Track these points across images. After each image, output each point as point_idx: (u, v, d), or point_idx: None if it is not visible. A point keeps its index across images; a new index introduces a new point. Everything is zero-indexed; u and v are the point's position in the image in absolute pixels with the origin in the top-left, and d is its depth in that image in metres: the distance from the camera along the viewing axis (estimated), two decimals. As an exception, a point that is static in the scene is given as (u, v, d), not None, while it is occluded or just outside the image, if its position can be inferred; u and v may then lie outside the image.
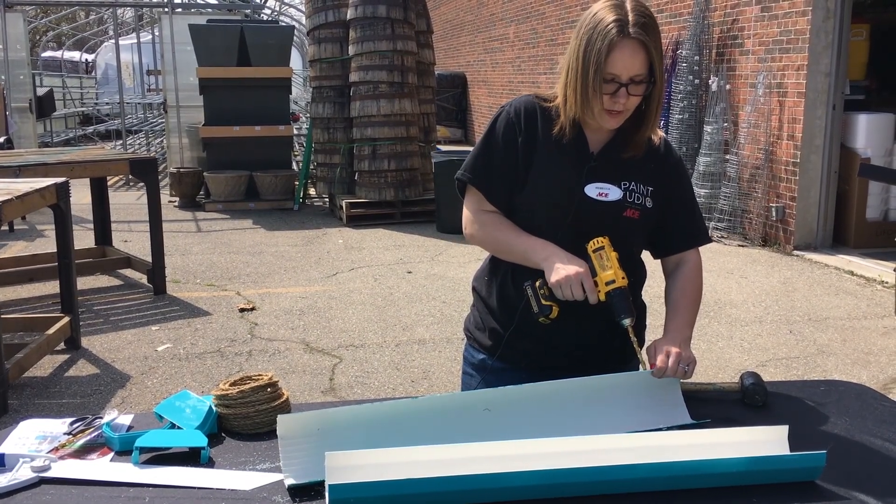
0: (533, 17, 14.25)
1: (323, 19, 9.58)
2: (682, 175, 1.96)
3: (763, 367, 4.57)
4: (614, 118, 1.77)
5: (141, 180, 6.25)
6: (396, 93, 9.02)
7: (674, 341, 1.78)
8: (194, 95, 10.57)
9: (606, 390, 1.74)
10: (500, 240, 1.90)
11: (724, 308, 5.72)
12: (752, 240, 7.89)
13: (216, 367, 4.54)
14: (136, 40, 16.81)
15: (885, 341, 5.05)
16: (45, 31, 26.37)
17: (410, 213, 9.21)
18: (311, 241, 8.12)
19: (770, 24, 7.67)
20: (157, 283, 6.06)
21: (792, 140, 7.44)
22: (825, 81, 7.27)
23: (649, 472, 1.41)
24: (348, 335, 5.13)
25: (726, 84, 8.12)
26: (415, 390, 4.23)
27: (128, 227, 8.60)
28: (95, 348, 4.85)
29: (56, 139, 17.25)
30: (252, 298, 5.94)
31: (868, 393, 1.94)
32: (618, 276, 1.75)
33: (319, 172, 10.12)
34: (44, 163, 5.43)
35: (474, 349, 2.06)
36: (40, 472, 1.48)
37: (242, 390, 1.68)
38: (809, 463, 1.46)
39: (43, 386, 4.28)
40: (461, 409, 1.64)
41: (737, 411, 1.79)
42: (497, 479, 1.37)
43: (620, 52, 1.69)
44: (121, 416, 1.71)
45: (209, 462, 1.54)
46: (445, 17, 20.48)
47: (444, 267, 6.98)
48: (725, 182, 8.02)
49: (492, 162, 1.89)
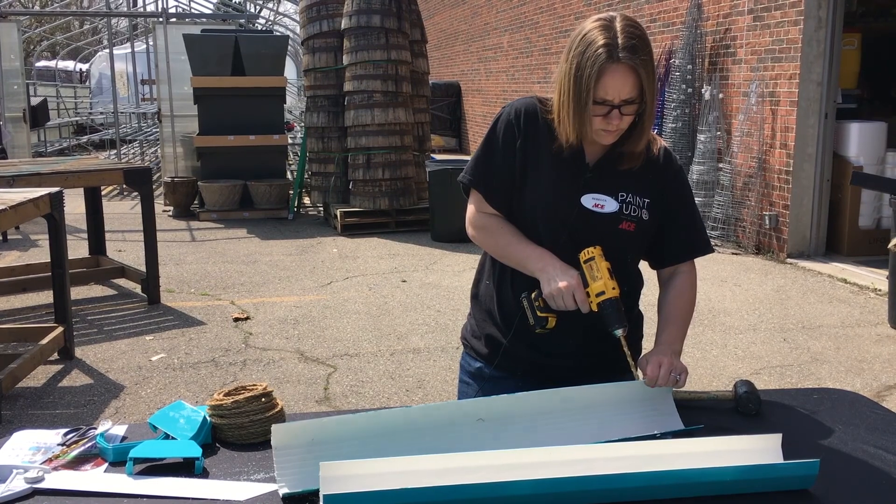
0: (527, 27, 14.30)
1: (317, 29, 9.61)
2: (683, 184, 1.95)
3: (757, 374, 4.58)
4: (609, 135, 1.78)
5: (135, 190, 6.25)
6: (391, 102, 9.04)
7: (665, 353, 1.80)
8: (188, 105, 10.57)
9: (600, 399, 1.75)
10: (500, 244, 1.91)
11: (718, 316, 5.73)
12: (746, 248, 7.91)
13: (210, 377, 4.53)
14: (130, 50, 16.78)
15: (879, 349, 5.06)
16: (39, 41, 26.33)
17: (405, 221, 9.22)
18: (305, 251, 8.11)
19: (762, 34, 7.71)
20: (151, 293, 6.04)
21: (785, 148, 7.48)
22: (817, 90, 7.31)
23: (643, 481, 1.42)
24: (343, 344, 5.12)
25: (719, 93, 8.16)
26: (409, 399, 4.23)
27: (122, 236, 8.58)
28: (89, 358, 4.84)
29: (50, 149, 17.21)
30: (246, 308, 5.93)
31: (861, 401, 1.95)
32: (608, 286, 1.75)
33: (314, 181, 10.13)
34: (38, 172, 5.42)
35: (471, 357, 2.06)
36: (34, 483, 1.48)
37: (237, 400, 1.68)
38: (803, 471, 1.47)
39: (36, 396, 4.27)
40: (456, 418, 1.64)
41: (730, 420, 1.80)
42: (492, 489, 1.37)
43: (611, 77, 1.69)
44: (115, 427, 1.70)
45: (203, 472, 1.54)
46: (440, 27, 20.53)
47: (438, 276, 6.98)
48: (719, 190, 8.04)
49: (492, 165, 1.90)
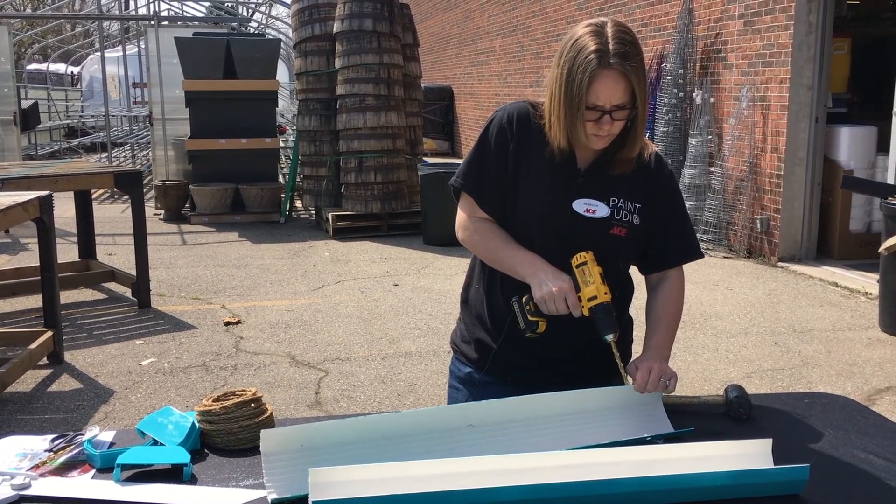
0: (519, 31, 14.32)
1: (309, 32, 9.60)
2: (674, 190, 1.95)
3: (748, 378, 4.58)
4: (601, 140, 1.78)
5: (126, 193, 6.22)
6: (383, 105, 9.04)
7: (654, 358, 1.80)
8: (180, 108, 10.55)
9: (589, 403, 1.74)
10: (491, 248, 1.90)
11: (710, 320, 5.74)
12: (737, 251, 7.93)
13: (201, 382, 4.51)
14: (121, 53, 16.75)
15: (869, 352, 5.08)
16: (30, 44, 26.26)
17: (397, 225, 9.21)
18: (297, 254, 8.10)
19: (753, 38, 7.74)
20: (142, 297, 6.02)
21: (776, 152, 7.50)
22: (808, 94, 7.34)
23: (633, 487, 1.42)
24: (334, 348, 5.11)
25: (710, 97, 8.18)
26: (401, 404, 4.22)
27: (112, 240, 8.54)
28: (79, 363, 4.82)
29: (41, 152, 17.15)
30: (237, 312, 5.92)
31: (852, 405, 1.95)
32: (600, 291, 1.75)
33: (306, 185, 10.11)
34: (27, 176, 5.39)
35: (461, 362, 2.06)
36: (20, 489, 1.46)
37: (226, 406, 1.66)
38: (793, 476, 1.46)
39: (25, 401, 4.24)
40: (446, 423, 1.64)
41: (721, 424, 1.79)
42: (482, 495, 1.36)
43: (602, 83, 1.68)
44: (102, 433, 1.69)
45: (192, 479, 1.52)
46: (432, 31, 20.54)
47: (430, 279, 6.98)
48: (710, 194, 8.06)
49: (484, 169, 1.89)
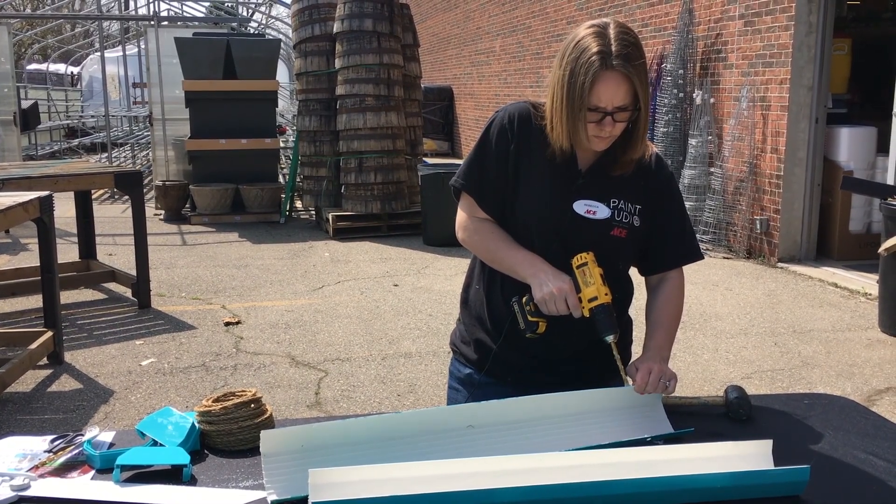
0: (519, 31, 14.32)
1: (309, 33, 9.60)
2: (674, 191, 1.94)
3: (748, 379, 4.58)
4: (602, 141, 1.78)
5: (126, 193, 6.22)
6: (383, 106, 9.03)
7: (654, 359, 1.80)
8: (180, 108, 10.54)
9: (589, 404, 1.74)
10: (491, 249, 1.90)
11: (710, 320, 5.74)
12: (737, 252, 7.93)
13: (201, 382, 4.51)
14: (121, 53, 16.74)
15: (869, 353, 5.08)
16: (30, 44, 26.26)
17: (397, 225, 9.21)
18: (297, 255, 8.09)
19: (753, 39, 7.74)
20: (142, 297, 6.02)
21: (775, 153, 7.50)
22: (808, 95, 7.34)
23: (633, 488, 1.41)
24: (334, 349, 5.11)
25: (710, 98, 8.18)
26: (401, 404, 4.22)
27: (112, 240, 8.54)
28: (79, 363, 4.81)
29: (41, 152, 17.14)
30: (237, 312, 5.91)
31: (851, 406, 1.95)
32: (600, 292, 1.75)
33: (306, 185, 10.11)
34: (27, 176, 5.39)
35: (460, 363, 2.05)
36: (20, 490, 1.46)
37: (225, 406, 1.66)
38: (793, 477, 1.46)
39: (25, 401, 4.24)
40: (446, 424, 1.63)
41: (721, 425, 1.79)
42: (482, 496, 1.36)
43: (604, 85, 1.68)
44: (102, 434, 1.69)
45: (191, 480, 1.52)
46: (432, 31, 20.54)
47: (430, 280, 6.97)
48: (710, 195, 8.06)
49: (484, 169, 1.89)
